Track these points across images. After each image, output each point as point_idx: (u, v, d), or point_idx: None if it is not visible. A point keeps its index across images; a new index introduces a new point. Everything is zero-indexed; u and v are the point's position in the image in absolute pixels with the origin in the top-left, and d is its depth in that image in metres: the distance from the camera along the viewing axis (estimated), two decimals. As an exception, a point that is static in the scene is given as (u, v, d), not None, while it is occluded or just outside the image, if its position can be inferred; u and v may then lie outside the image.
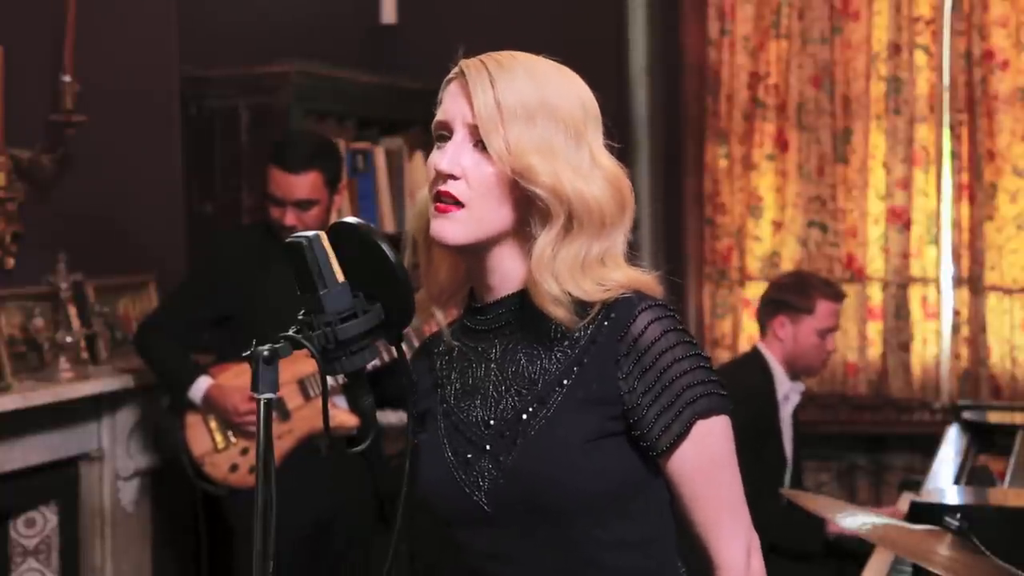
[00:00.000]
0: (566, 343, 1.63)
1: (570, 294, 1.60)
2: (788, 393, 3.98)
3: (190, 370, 3.58)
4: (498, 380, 1.66)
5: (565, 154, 1.60)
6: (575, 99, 1.64)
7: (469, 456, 1.65)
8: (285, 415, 3.56)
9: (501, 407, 1.65)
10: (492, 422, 1.65)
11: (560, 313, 1.60)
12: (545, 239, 1.59)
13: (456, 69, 1.64)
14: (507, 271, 1.65)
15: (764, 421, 3.84)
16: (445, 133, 1.64)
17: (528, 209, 1.61)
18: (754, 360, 3.98)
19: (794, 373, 3.98)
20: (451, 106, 1.63)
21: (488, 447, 1.64)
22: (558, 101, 1.61)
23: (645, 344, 1.60)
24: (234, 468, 3.59)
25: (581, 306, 1.62)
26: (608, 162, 1.65)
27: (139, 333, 3.68)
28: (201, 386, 3.54)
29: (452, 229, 1.61)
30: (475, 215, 1.60)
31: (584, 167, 1.61)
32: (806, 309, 3.93)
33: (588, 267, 1.61)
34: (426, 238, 1.68)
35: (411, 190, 4.91)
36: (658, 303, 1.62)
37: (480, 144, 1.60)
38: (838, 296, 4.04)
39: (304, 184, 3.49)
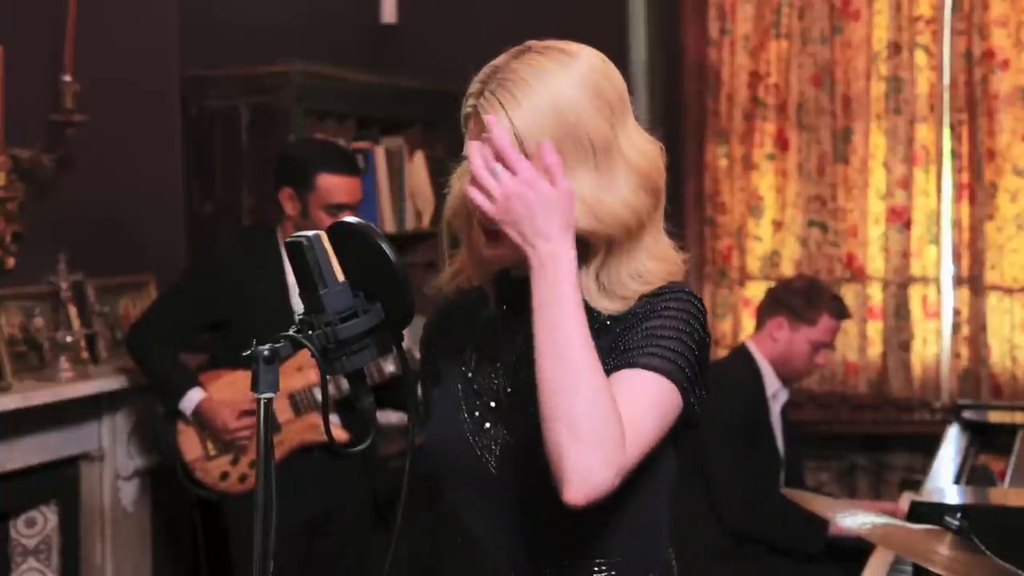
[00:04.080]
0: (596, 326, 1.62)
1: (615, 293, 1.64)
2: (776, 392, 4.00)
3: (182, 379, 3.55)
4: (522, 351, 1.67)
5: (597, 182, 1.59)
6: (598, 109, 1.60)
7: (485, 421, 1.68)
8: (275, 428, 3.54)
9: (522, 376, 1.66)
10: (510, 390, 1.68)
11: (606, 307, 1.64)
12: (588, 273, 1.62)
13: (469, 104, 1.62)
14: None
15: (756, 416, 3.85)
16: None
17: None
18: (742, 357, 4.00)
19: (781, 376, 3.99)
20: (473, 144, 1.58)
21: (503, 413, 1.67)
22: (580, 121, 1.59)
23: (655, 309, 1.63)
24: (224, 476, 3.58)
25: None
26: (638, 157, 1.63)
27: (131, 333, 3.64)
28: (192, 399, 3.52)
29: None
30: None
31: (618, 180, 1.60)
32: (808, 319, 3.94)
33: (633, 263, 1.64)
34: (467, 215, 1.65)
35: (411, 190, 4.90)
36: (687, 290, 1.66)
37: None
38: (843, 314, 4.07)
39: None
